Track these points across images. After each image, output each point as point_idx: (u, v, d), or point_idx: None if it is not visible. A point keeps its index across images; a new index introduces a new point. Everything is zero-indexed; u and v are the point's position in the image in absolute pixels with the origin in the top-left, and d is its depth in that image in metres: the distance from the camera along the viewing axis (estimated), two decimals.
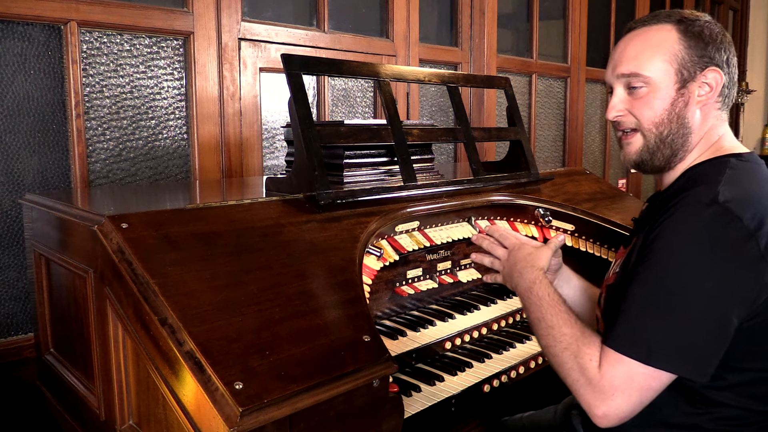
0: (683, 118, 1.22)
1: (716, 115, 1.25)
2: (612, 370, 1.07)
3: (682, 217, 1.09)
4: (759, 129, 7.46)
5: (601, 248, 2.06)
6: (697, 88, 1.22)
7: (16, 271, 1.98)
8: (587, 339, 1.13)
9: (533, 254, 1.36)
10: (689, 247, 1.06)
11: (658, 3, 5.27)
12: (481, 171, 1.94)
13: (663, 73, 1.21)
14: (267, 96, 2.55)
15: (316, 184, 1.49)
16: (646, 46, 1.23)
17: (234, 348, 1.05)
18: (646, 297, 1.08)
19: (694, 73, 1.21)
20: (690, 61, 1.21)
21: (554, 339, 1.17)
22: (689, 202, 1.10)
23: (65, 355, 1.59)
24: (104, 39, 2.10)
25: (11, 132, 1.94)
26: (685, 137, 1.24)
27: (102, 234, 1.22)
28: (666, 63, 1.21)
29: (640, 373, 1.06)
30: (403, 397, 1.36)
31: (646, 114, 1.24)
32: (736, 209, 1.06)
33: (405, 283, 1.84)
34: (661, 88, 1.22)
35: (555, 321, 1.19)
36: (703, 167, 1.22)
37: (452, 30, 3.45)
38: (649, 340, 1.05)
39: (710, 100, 1.23)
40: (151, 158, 2.24)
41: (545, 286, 1.27)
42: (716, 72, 1.21)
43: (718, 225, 1.05)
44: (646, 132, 1.25)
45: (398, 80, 1.82)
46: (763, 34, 7.34)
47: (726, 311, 1.05)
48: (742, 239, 1.05)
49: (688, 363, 1.05)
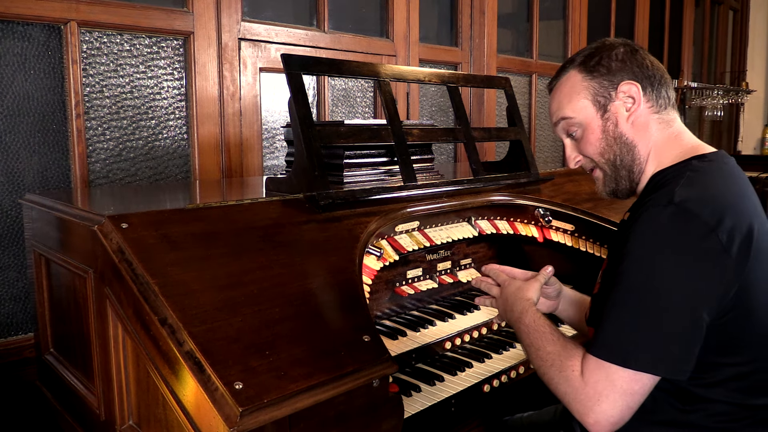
0: (620, 137, 1.29)
1: (657, 118, 1.29)
2: (593, 376, 1.10)
3: (643, 221, 1.13)
4: (759, 129, 7.45)
5: (601, 248, 2.06)
6: (620, 105, 1.28)
7: (16, 271, 1.98)
8: (569, 352, 1.17)
9: (522, 288, 1.41)
10: (651, 250, 1.10)
11: (658, 3, 5.27)
12: (481, 171, 1.94)
13: (583, 109, 1.31)
14: (267, 96, 2.55)
15: (316, 184, 1.49)
16: (562, 95, 1.34)
17: (234, 348, 1.05)
18: (618, 302, 1.12)
19: (609, 95, 1.29)
20: (600, 87, 1.29)
21: (542, 360, 1.21)
22: (648, 206, 1.14)
23: (65, 355, 1.59)
24: (104, 39, 2.10)
25: (11, 132, 1.94)
26: (631, 152, 1.30)
27: (102, 234, 1.22)
28: (582, 99, 1.31)
29: (621, 377, 1.08)
30: (403, 397, 1.36)
31: (590, 150, 1.33)
32: (693, 207, 1.09)
33: (405, 283, 1.84)
34: (588, 122, 1.31)
35: (540, 343, 1.23)
36: (668, 171, 1.25)
37: (452, 30, 3.45)
38: (623, 343, 1.09)
39: (639, 109, 1.28)
40: (151, 158, 2.24)
41: (532, 314, 1.31)
42: (629, 84, 1.27)
43: (676, 225, 1.09)
44: (600, 164, 1.33)
45: (398, 80, 1.82)
46: (763, 34, 7.34)
47: (694, 308, 1.08)
48: (701, 236, 1.07)
49: (663, 363, 1.08)
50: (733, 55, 7.18)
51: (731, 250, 1.07)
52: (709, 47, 6.59)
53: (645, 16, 5.03)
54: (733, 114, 7.22)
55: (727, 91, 6.44)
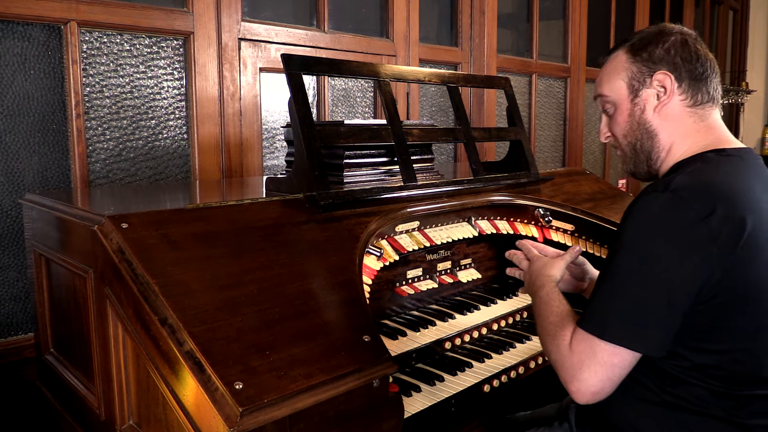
0: (644, 123, 1.33)
1: (690, 112, 1.30)
2: (578, 346, 1.16)
3: (639, 204, 1.17)
4: (759, 129, 7.46)
5: (601, 248, 2.06)
6: (651, 93, 1.31)
7: (16, 271, 1.98)
8: (564, 323, 1.23)
9: (547, 264, 1.47)
10: (641, 232, 1.15)
11: (658, 3, 5.27)
12: (481, 171, 1.94)
13: (617, 90, 1.36)
14: (267, 96, 2.55)
15: (316, 184, 1.49)
16: (604, 73, 1.40)
17: (234, 348, 1.05)
18: (606, 279, 1.18)
19: (644, 81, 1.32)
20: (638, 72, 1.32)
21: (543, 329, 1.28)
22: (648, 190, 1.18)
23: (65, 355, 1.59)
24: (104, 39, 2.10)
25: (11, 132, 1.94)
26: (651, 140, 1.33)
27: (102, 234, 1.22)
28: (619, 80, 1.35)
29: (602, 349, 1.14)
30: (403, 397, 1.36)
31: (616, 130, 1.39)
32: (687, 195, 1.13)
33: (405, 283, 1.84)
34: (619, 103, 1.36)
35: (546, 314, 1.30)
36: (683, 162, 1.28)
37: (452, 30, 3.45)
38: (606, 317, 1.15)
39: (670, 101, 1.30)
40: (151, 158, 2.24)
41: (548, 288, 1.37)
42: (664, 74, 1.30)
43: (667, 210, 1.13)
44: (621, 145, 1.39)
45: (398, 80, 1.82)
46: (763, 34, 7.34)
47: (672, 291, 1.11)
48: (689, 223, 1.11)
49: (639, 340, 1.13)
50: (733, 55, 7.18)
51: (718, 240, 1.10)
52: (709, 47, 6.57)
53: (645, 16, 5.03)
54: (733, 114, 7.21)
55: (727, 91, 6.44)
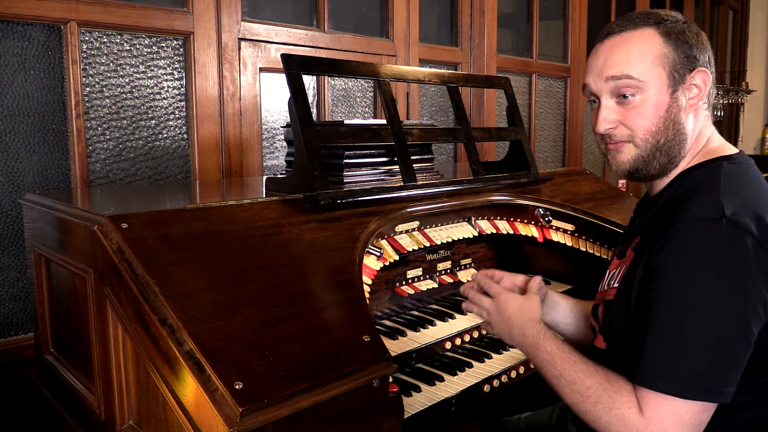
0: (679, 123, 1.17)
1: (704, 116, 1.23)
2: (657, 412, 1.01)
3: (690, 235, 1.04)
4: (759, 129, 7.45)
5: (601, 248, 2.06)
6: (686, 91, 1.17)
7: (16, 271, 1.98)
8: (616, 386, 1.07)
9: (524, 306, 1.28)
10: (705, 269, 1.02)
11: (658, 3, 5.27)
12: (481, 171, 1.94)
13: (656, 77, 1.15)
14: (267, 96, 2.55)
15: (316, 184, 1.49)
16: (633, 51, 1.16)
17: (234, 348, 1.05)
18: (674, 328, 1.02)
19: (684, 76, 1.16)
20: (679, 63, 1.15)
21: (580, 395, 1.10)
22: (694, 218, 1.05)
23: (65, 355, 1.59)
24: (104, 39, 2.10)
25: (11, 132, 1.94)
26: (681, 143, 1.18)
27: (102, 234, 1.22)
28: (658, 66, 1.15)
29: (689, 410, 1.01)
30: (403, 397, 1.36)
31: (641, 124, 1.16)
32: (745, 222, 1.02)
33: (405, 283, 1.84)
34: (655, 94, 1.15)
35: (575, 375, 1.12)
36: (696, 174, 1.18)
37: (452, 30, 3.45)
38: (688, 374, 1.01)
39: (699, 102, 1.20)
40: (151, 158, 2.24)
41: (551, 339, 1.19)
42: (704, 72, 1.17)
43: (729, 241, 1.02)
44: (641, 142, 1.18)
45: (398, 80, 1.82)
46: (763, 34, 7.34)
47: (749, 329, 1.02)
48: (754, 251, 1.02)
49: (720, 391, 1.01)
50: (733, 55, 7.18)
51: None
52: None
53: None
54: (733, 114, 7.21)
55: (727, 91, 6.44)
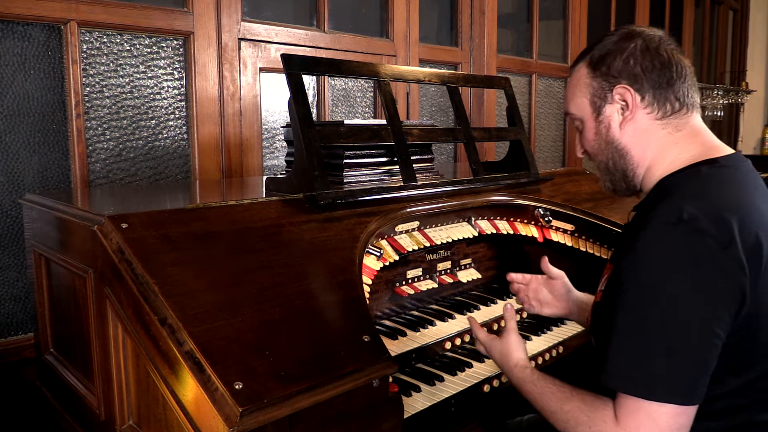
0: (611, 141, 1.27)
1: (661, 124, 1.23)
2: (633, 421, 1.03)
3: (650, 239, 1.07)
4: (759, 129, 7.45)
5: (601, 248, 2.06)
6: (614, 109, 1.26)
7: (16, 271, 1.98)
8: (591, 405, 1.12)
9: (503, 351, 1.39)
10: (661, 270, 1.04)
11: (658, 2, 5.27)
12: (481, 171, 1.94)
13: (581, 108, 1.31)
14: (267, 96, 2.55)
15: (316, 184, 1.49)
16: (569, 89, 1.35)
17: (234, 348, 1.05)
18: (638, 330, 1.05)
19: (605, 97, 1.26)
20: (599, 88, 1.26)
21: (564, 422, 1.15)
22: (654, 223, 1.08)
23: (65, 355, 1.59)
24: (104, 39, 2.10)
25: (11, 132, 1.94)
26: (623, 158, 1.27)
27: (102, 234, 1.22)
28: (582, 97, 1.30)
29: (662, 413, 1.01)
30: (403, 397, 1.36)
31: (587, 147, 1.34)
32: (704, 225, 1.03)
33: (405, 283, 1.84)
34: (585, 121, 1.31)
35: (555, 405, 1.18)
36: (674, 179, 1.20)
37: (452, 30, 3.45)
38: (658, 375, 1.02)
39: (634, 115, 1.23)
40: (151, 158, 2.24)
41: (530, 378, 1.28)
42: (624, 88, 1.23)
43: (688, 245, 1.03)
44: (595, 160, 1.35)
45: (398, 80, 1.82)
46: (763, 34, 7.34)
47: (714, 332, 1.03)
48: (714, 255, 1.02)
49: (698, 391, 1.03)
50: (733, 55, 7.18)
51: (744, 266, 1.03)
52: (709, 47, 6.59)
53: (645, 16, 5.03)
54: (733, 114, 7.21)
55: (727, 91, 6.45)
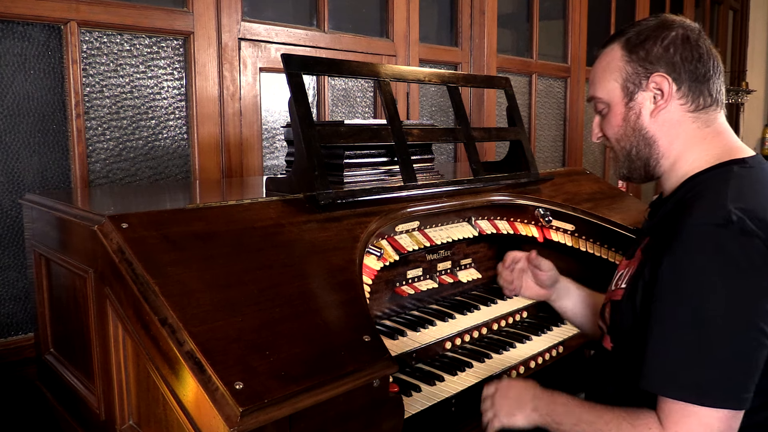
0: (640, 129, 1.25)
1: (692, 117, 1.22)
2: (683, 425, 1.01)
3: (697, 240, 1.04)
4: (759, 129, 7.46)
5: (601, 248, 2.06)
6: (647, 97, 1.23)
7: (16, 271, 1.98)
8: (633, 414, 1.08)
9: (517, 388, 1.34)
10: (716, 274, 1.01)
11: (658, 3, 5.27)
12: (481, 171, 1.94)
13: (611, 92, 1.27)
14: (267, 96, 2.55)
15: (316, 184, 1.49)
16: (598, 71, 1.30)
17: (234, 348, 1.05)
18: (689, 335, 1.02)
19: (640, 83, 1.24)
20: (633, 73, 1.24)
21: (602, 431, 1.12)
22: (699, 222, 1.05)
23: (65, 355, 1.59)
24: (104, 39, 2.10)
25: (11, 132, 1.94)
26: (649, 147, 1.26)
27: (102, 234, 1.22)
28: (613, 81, 1.27)
29: (717, 418, 0.99)
30: (403, 397, 1.36)
31: (609, 132, 1.31)
32: (753, 226, 1.02)
33: (405, 283, 1.84)
34: (613, 106, 1.28)
35: (592, 416, 1.15)
36: (705, 177, 1.18)
37: (452, 30, 3.45)
38: (709, 380, 1.00)
39: (668, 105, 1.22)
40: (151, 158, 2.24)
41: (561, 394, 1.25)
42: (661, 76, 1.21)
43: (737, 247, 1.01)
44: (615, 148, 1.32)
45: (398, 80, 1.82)
46: (763, 34, 7.34)
47: (763, 329, 1.01)
48: (764, 256, 1.01)
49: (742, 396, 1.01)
50: (733, 55, 7.18)
51: None
52: None
53: (645, 16, 5.03)
54: (733, 114, 7.22)
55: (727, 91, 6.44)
